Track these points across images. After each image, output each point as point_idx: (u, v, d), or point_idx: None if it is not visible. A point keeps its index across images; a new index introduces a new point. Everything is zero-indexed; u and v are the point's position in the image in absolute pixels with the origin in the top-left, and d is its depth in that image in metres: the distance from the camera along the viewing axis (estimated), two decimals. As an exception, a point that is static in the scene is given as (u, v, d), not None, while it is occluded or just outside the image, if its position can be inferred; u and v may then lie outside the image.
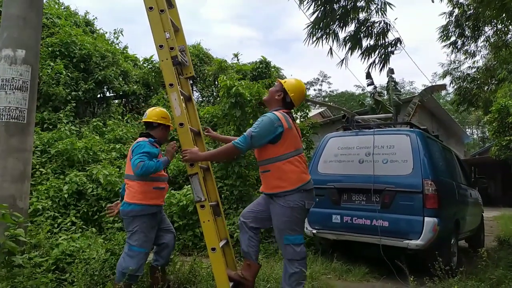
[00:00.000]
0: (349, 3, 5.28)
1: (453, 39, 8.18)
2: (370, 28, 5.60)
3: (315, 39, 5.53)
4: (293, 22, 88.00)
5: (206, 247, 3.36)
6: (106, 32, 13.59)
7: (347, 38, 5.67)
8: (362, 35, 5.65)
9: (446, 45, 8.33)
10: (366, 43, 5.74)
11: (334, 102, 46.87)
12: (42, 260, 3.76)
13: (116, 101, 11.91)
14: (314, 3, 5.25)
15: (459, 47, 8.35)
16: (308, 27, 5.47)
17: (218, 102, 9.98)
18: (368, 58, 5.86)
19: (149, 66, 12.45)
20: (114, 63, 10.84)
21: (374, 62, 5.91)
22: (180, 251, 5.57)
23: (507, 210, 14.00)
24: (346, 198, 5.02)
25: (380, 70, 5.95)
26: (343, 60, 5.93)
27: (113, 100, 11.60)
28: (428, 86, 12.10)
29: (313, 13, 5.33)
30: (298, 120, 11.14)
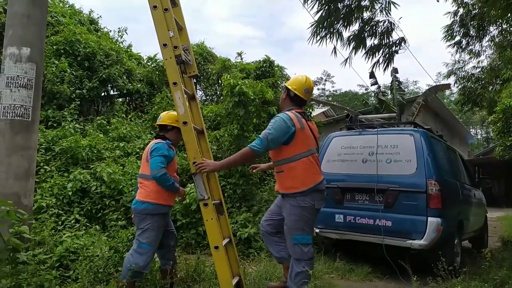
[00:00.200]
0: (353, 2, 5.26)
1: (457, 38, 8.16)
2: (375, 27, 5.59)
3: (319, 38, 5.52)
4: (296, 21, 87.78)
5: (209, 245, 3.38)
6: (110, 31, 13.59)
7: (351, 37, 5.66)
8: (366, 34, 5.64)
9: (450, 44, 8.31)
10: (370, 42, 5.74)
11: (337, 101, 46.80)
12: (46, 257, 3.79)
13: (120, 99, 11.93)
14: (318, 2, 5.24)
15: (463, 46, 8.32)
16: (312, 26, 5.46)
17: (222, 101, 9.98)
18: (372, 58, 5.86)
19: (153, 65, 12.46)
20: (118, 62, 10.86)
21: (378, 61, 5.90)
22: (183, 249, 5.58)
23: (511, 211, 13.93)
24: (349, 198, 5.02)
25: (384, 70, 5.94)
26: (347, 59, 5.93)
27: (117, 99, 11.62)
28: (432, 85, 12.05)
29: (317, 12, 5.32)
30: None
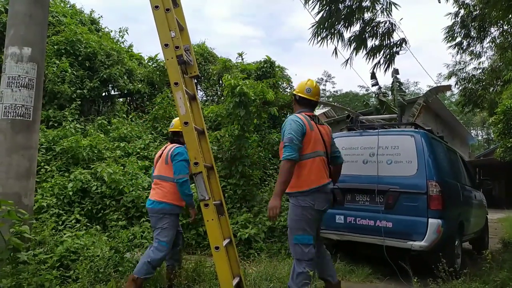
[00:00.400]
0: (354, 3, 5.26)
1: (458, 39, 8.15)
2: (375, 28, 5.58)
3: (320, 39, 5.51)
4: (296, 21, 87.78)
5: (209, 245, 3.39)
6: (112, 31, 13.58)
7: (352, 38, 5.65)
8: (367, 35, 5.63)
9: (451, 45, 8.29)
10: (371, 43, 5.73)
11: (338, 102, 46.78)
12: (47, 257, 3.79)
13: (121, 99, 11.93)
14: (319, 3, 5.23)
15: (464, 48, 8.31)
16: (313, 27, 5.46)
17: (222, 101, 9.97)
18: (373, 58, 5.84)
19: (154, 65, 12.45)
20: (119, 62, 10.85)
21: (379, 62, 5.89)
22: (184, 249, 5.58)
23: (511, 212, 13.91)
24: (350, 199, 5.01)
25: (385, 71, 5.93)
26: (348, 60, 5.92)
27: (118, 99, 11.62)
28: (433, 87, 12.03)
29: (318, 12, 5.32)
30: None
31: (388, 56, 5.78)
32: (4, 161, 3.78)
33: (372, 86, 10.86)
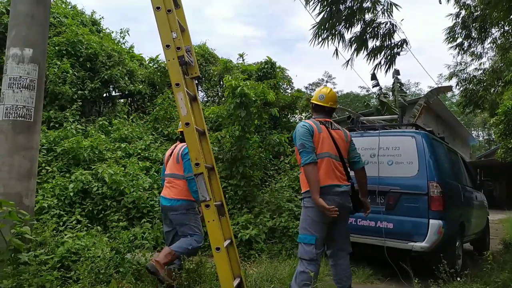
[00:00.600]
0: (355, 4, 5.26)
1: (459, 40, 8.15)
2: (376, 29, 5.58)
3: (321, 39, 5.52)
4: (297, 21, 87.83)
5: (210, 246, 3.38)
6: (113, 32, 13.59)
7: (353, 39, 5.65)
8: (368, 36, 5.63)
9: (452, 46, 8.29)
10: (372, 44, 5.73)
11: (338, 103, 46.73)
12: (48, 257, 3.78)
13: (122, 100, 11.93)
14: (320, 4, 5.24)
15: (465, 48, 8.31)
16: (314, 27, 5.46)
17: (223, 102, 9.98)
18: (374, 59, 5.84)
19: (155, 66, 12.46)
20: (120, 63, 10.86)
21: (380, 63, 5.89)
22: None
23: (512, 213, 13.90)
24: (351, 199, 5.00)
25: (386, 71, 5.92)
26: (348, 61, 5.92)
27: (118, 100, 11.62)
28: (434, 87, 12.03)
29: (319, 13, 5.32)
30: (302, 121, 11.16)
31: (389, 57, 5.78)
32: (5, 161, 3.79)
33: (373, 87, 10.86)
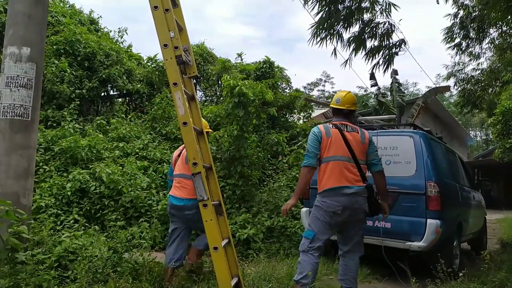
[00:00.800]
0: (353, 3, 5.26)
1: (457, 40, 8.16)
2: (375, 29, 5.58)
3: (319, 39, 5.51)
4: (297, 21, 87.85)
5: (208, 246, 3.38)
6: (111, 31, 13.53)
7: (352, 38, 5.65)
8: (366, 36, 5.63)
9: (450, 46, 8.30)
10: (370, 44, 5.73)
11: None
12: (45, 257, 3.77)
13: (120, 99, 11.90)
14: (318, 4, 5.24)
15: (463, 48, 8.32)
16: (312, 27, 5.46)
17: (221, 102, 9.98)
18: (372, 59, 5.84)
19: (153, 65, 12.43)
20: (118, 62, 10.83)
21: (378, 63, 5.89)
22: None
23: (510, 213, 13.93)
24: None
25: (384, 71, 5.92)
26: (347, 60, 5.92)
27: (116, 99, 11.59)
28: (432, 87, 12.06)
29: (317, 13, 5.32)
30: (301, 120, 11.17)
31: (387, 56, 5.78)
32: (3, 161, 3.78)
33: (371, 86, 10.90)
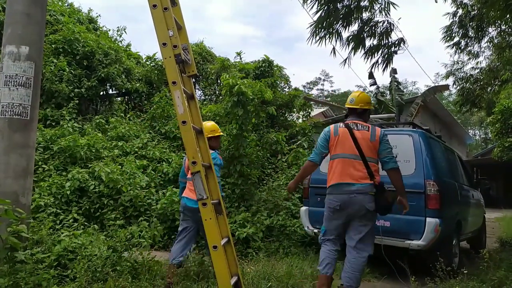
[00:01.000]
0: (352, 2, 5.26)
1: (456, 39, 8.15)
2: (374, 27, 5.58)
3: (318, 38, 5.51)
4: (297, 21, 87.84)
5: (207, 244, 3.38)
6: (110, 30, 13.53)
7: (350, 37, 5.65)
8: (365, 34, 5.63)
9: (449, 45, 8.30)
10: (369, 42, 5.73)
11: (336, 101, 46.82)
12: (44, 256, 3.77)
13: (119, 98, 11.89)
14: (317, 2, 5.23)
15: (462, 47, 8.32)
16: (311, 26, 5.46)
17: (221, 101, 9.98)
18: (371, 58, 5.84)
19: (152, 64, 12.41)
20: (117, 61, 10.82)
21: (377, 62, 5.89)
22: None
23: (509, 212, 13.95)
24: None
25: (383, 70, 5.93)
26: (346, 59, 5.92)
27: (115, 98, 11.59)
28: (431, 86, 12.08)
29: (316, 12, 5.31)
30: (300, 119, 11.17)
31: (386, 55, 5.79)
32: (2, 160, 3.77)
33: (370, 85, 10.91)
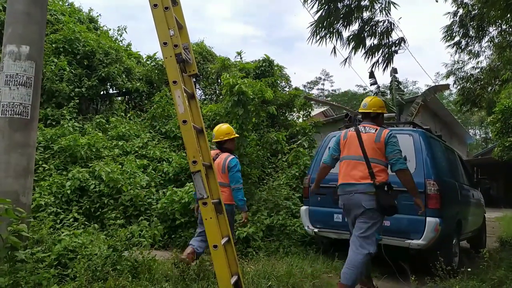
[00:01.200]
0: (353, 2, 5.25)
1: (457, 39, 8.16)
2: (374, 27, 5.58)
3: (318, 38, 5.50)
4: (297, 20, 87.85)
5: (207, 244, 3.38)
6: (110, 29, 13.52)
7: (351, 37, 5.65)
8: (366, 34, 5.62)
9: (450, 45, 8.30)
10: (369, 42, 5.73)
11: (336, 101, 46.84)
12: (45, 255, 3.77)
13: (119, 98, 11.89)
14: (318, 2, 5.22)
15: (463, 47, 8.32)
16: (311, 26, 5.45)
17: (221, 100, 9.98)
18: (372, 58, 5.84)
19: (152, 64, 12.39)
20: (118, 60, 10.81)
21: (378, 61, 5.89)
22: (182, 248, 5.58)
23: (509, 211, 13.95)
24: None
25: (384, 70, 5.93)
26: (346, 59, 5.91)
27: (116, 97, 11.58)
28: (432, 86, 12.06)
29: (316, 11, 5.31)
30: (300, 119, 11.17)
31: (386, 55, 5.78)
32: (2, 159, 3.77)
33: (371, 85, 10.89)
